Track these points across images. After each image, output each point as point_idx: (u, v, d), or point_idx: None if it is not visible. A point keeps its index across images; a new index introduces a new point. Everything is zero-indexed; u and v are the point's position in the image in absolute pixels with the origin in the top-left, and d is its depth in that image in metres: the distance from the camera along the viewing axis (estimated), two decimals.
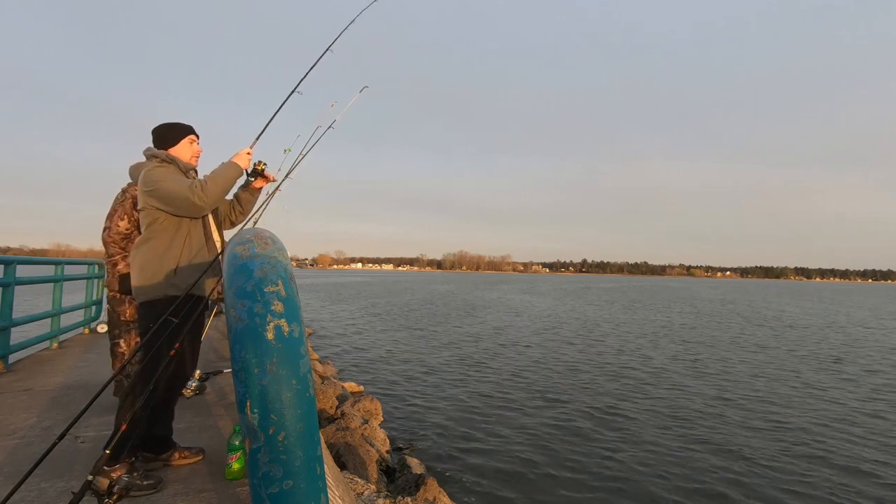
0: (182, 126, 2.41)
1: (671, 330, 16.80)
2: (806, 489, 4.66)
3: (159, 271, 2.19)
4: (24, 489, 2.02)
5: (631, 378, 9.08)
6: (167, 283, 2.19)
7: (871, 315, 25.98)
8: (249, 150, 2.38)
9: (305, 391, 1.22)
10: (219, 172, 2.28)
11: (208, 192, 2.18)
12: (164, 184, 2.17)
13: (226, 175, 2.27)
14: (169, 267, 2.20)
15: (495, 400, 7.46)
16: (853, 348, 13.42)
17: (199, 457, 2.43)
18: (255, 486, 1.17)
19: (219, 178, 2.25)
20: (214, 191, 2.20)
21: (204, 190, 2.17)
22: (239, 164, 2.32)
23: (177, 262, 2.21)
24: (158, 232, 2.23)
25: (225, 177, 2.26)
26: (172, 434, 2.37)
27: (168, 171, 2.25)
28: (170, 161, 2.31)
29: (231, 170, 2.30)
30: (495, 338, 14.02)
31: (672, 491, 4.56)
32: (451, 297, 33.68)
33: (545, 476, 4.84)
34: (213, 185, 2.21)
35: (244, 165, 2.35)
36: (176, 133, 2.39)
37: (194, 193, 2.14)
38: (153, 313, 2.14)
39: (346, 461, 4.32)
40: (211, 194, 2.19)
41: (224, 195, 2.29)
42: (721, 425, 6.42)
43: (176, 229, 2.24)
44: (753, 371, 9.96)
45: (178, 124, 2.41)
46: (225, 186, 2.26)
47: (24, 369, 4.43)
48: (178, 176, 2.24)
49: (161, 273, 2.19)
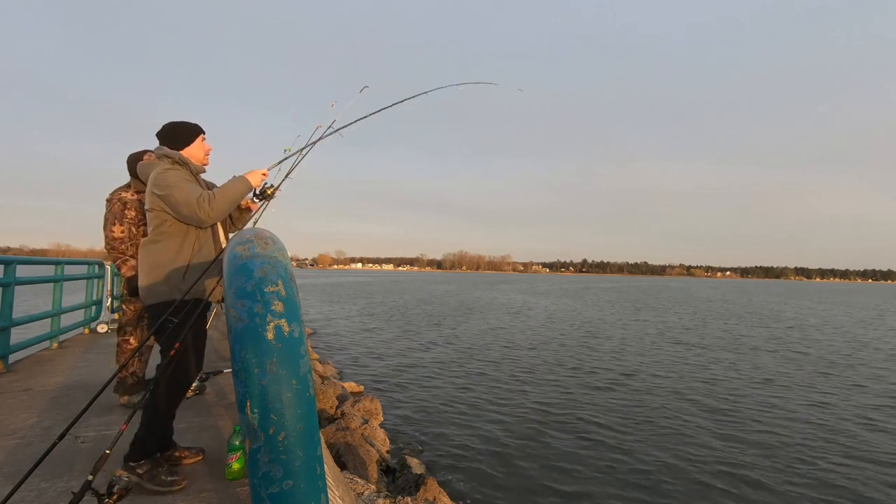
0: (194, 125, 2.39)
1: (674, 331, 16.79)
2: (806, 490, 4.66)
3: (169, 275, 2.18)
4: (24, 489, 2.02)
5: (633, 379, 9.08)
6: (176, 287, 2.19)
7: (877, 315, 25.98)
8: (265, 172, 2.39)
9: (305, 391, 1.22)
10: (229, 187, 2.26)
11: (215, 206, 2.17)
12: (175, 191, 2.15)
13: (236, 190, 2.26)
14: (179, 271, 2.19)
15: (496, 400, 7.46)
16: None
17: (199, 457, 2.43)
18: (255, 486, 1.17)
19: (227, 193, 2.23)
20: (221, 206, 2.20)
21: (211, 204, 2.15)
22: (251, 183, 2.31)
23: (187, 266, 2.20)
24: (168, 235, 2.21)
25: (234, 192, 2.25)
26: (173, 433, 2.38)
27: (181, 175, 2.23)
28: (183, 164, 2.29)
29: (242, 186, 2.28)
30: (496, 338, 14.02)
31: (673, 491, 4.56)
32: (451, 297, 33.67)
33: (546, 476, 4.84)
34: (222, 199, 2.20)
35: (255, 184, 2.34)
36: (189, 132, 2.37)
37: (201, 208, 2.13)
38: (161, 315, 2.14)
39: (346, 461, 4.32)
40: (217, 209, 2.18)
41: (230, 210, 2.28)
42: (723, 427, 6.42)
43: (185, 233, 2.23)
44: (776, 374, 9.96)
45: (189, 123, 2.39)
46: (232, 202, 2.25)
47: (24, 369, 4.43)
48: (189, 183, 2.22)
49: (171, 277, 2.18)
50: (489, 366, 10.03)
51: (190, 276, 2.20)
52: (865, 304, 37.80)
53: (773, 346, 13.55)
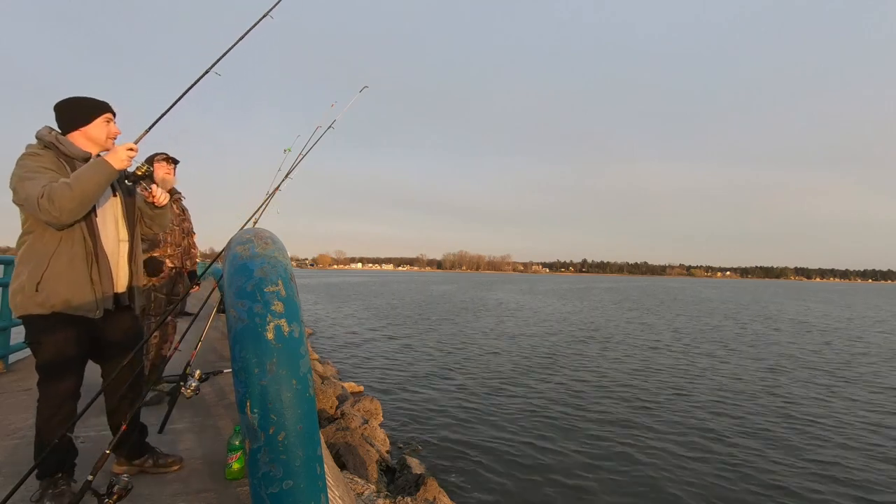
0: (95, 101, 2.01)
1: (677, 332, 16.79)
2: (807, 491, 4.66)
3: (27, 283, 1.85)
4: (24, 489, 2.02)
5: (636, 380, 9.08)
6: (30, 298, 1.85)
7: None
8: (132, 146, 1.88)
9: (305, 391, 1.22)
10: (79, 175, 1.78)
11: (58, 202, 1.71)
12: (23, 185, 1.77)
13: (90, 178, 1.77)
14: (34, 280, 1.84)
15: (496, 399, 7.46)
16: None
17: (177, 466, 2.32)
18: (255, 486, 1.17)
19: (77, 183, 1.75)
20: (68, 202, 1.73)
21: (53, 200, 1.71)
22: (111, 165, 1.82)
23: (41, 274, 1.84)
24: (30, 235, 1.89)
25: (88, 180, 1.77)
26: (76, 455, 2.13)
27: (39, 163, 1.83)
28: (52, 146, 1.89)
29: (97, 172, 1.80)
30: (496, 337, 14.02)
31: (674, 492, 4.56)
32: (451, 297, 33.68)
33: (546, 476, 4.84)
34: (68, 191, 1.73)
35: (119, 166, 1.84)
36: (87, 110, 1.98)
37: (41, 207, 1.71)
38: (26, 332, 1.93)
39: (346, 461, 4.33)
40: (63, 206, 1.73)
41: (87, 204, 1.82)
42: (730, 431, 6.42)
43: (50, 233, 1.86)
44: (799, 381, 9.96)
45: (90, 99, 2.00)
46: (87, 193, 1.77)
47: (24, 369, 4.43)
48: (41, 174, 1.79)
49: (28, 285, 1.85)
50: (489, 366, 10.03)
51: (45, 285, 1.84)
52: (869, 303, 37.81)
53: (793, 351, 13.55)
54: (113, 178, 1.86)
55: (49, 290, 1.86)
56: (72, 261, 1.89)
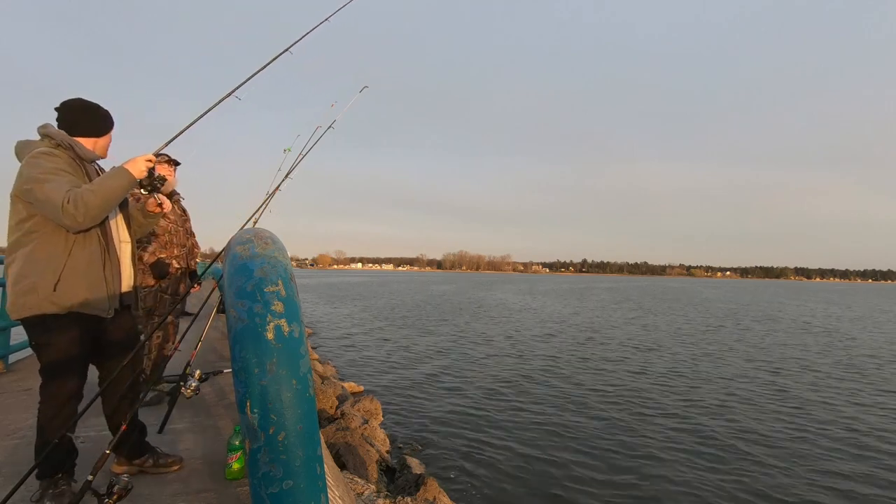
0: (110, 116, 2.09)
1: (680, 333, 16.79)
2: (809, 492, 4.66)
3: (40, 283, 1.86)
4: (24, 489, 2.02)
5: (636, 380, 9.08)
6: (46, 298, 1.86)
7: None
8: (151, 157, 1.99)
9: (305, 391, 1.22)
10: (103, 182, 1.87)
11: (83, 209, 1.79)
12: (43, 186, 1.80)
13: (111, 186, 1.87)
14: (51, 280, 1.86)
15: (496, 400, 7.46)
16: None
17: (177, 466, 2.33)
18: (255, 486, 1.17)
19: (101, 189, 1.85)
20: (94, 208, 1.82)
21: (78, 206, 1.78)
22: (131, 173, 1.92)
23: (58, 274, 1.87)
24: (35, 235, 1.88)
25: (111, 188, 1.87)
26: (77, 455, 2.13)
27: (56, 164, 1.86)
28: (66, 147, 1.94)
29: (119, 179, 1.89)
30: (496, 337, 14.02)
31: (675, 493, 4.56)
32: (451, 297, 33.67)
33: (546, 476, 4.84)
34: (93, 198, 1.81)
35: (138, 176, 1.94)
36: (105, 123, 2.07)
37: (66, 213, 1.77)
38: (32, 333, 1.93)
39: (346, 461, 4.33)
40: (88, 212, 1.81)
41: (108, 211, 1.90)
42: (728, 427, 6.42)
43: (60, 233, 1.89)
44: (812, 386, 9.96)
45: (107, 112, 2.08)
46: (110, 200, 1.87)
47: (24, 369, 4.43)
48: (61, 176, 1.85)
49: (43, 285, 1.86)
50: (489, 366, 10.03)
51: (64, 285, 1.88)
52: (869, 303, 37.81)
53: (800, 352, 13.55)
54: (133, 186, 1.95)
55: (68, 289, 1.89)
56: (90, 261, 1.95)
